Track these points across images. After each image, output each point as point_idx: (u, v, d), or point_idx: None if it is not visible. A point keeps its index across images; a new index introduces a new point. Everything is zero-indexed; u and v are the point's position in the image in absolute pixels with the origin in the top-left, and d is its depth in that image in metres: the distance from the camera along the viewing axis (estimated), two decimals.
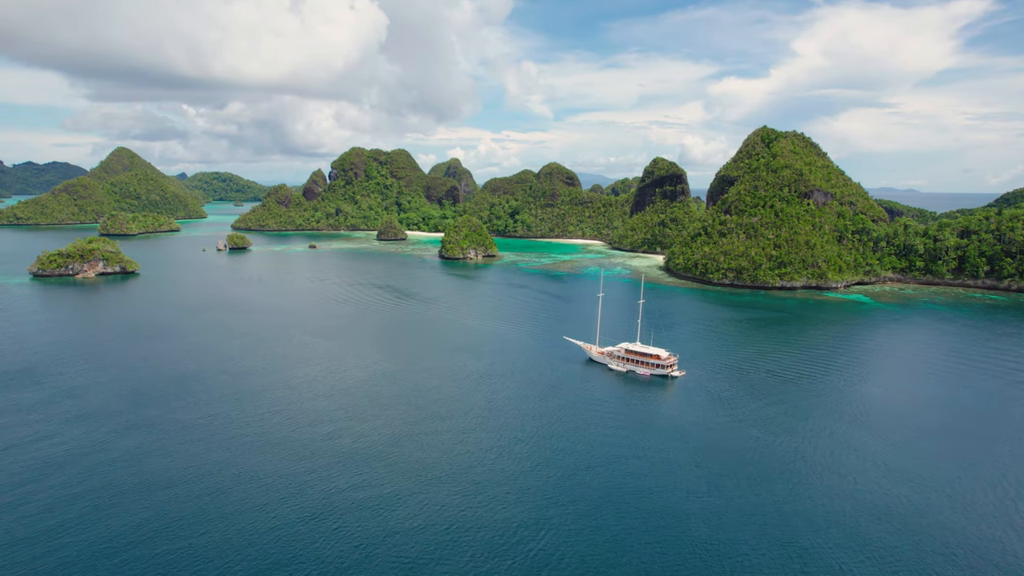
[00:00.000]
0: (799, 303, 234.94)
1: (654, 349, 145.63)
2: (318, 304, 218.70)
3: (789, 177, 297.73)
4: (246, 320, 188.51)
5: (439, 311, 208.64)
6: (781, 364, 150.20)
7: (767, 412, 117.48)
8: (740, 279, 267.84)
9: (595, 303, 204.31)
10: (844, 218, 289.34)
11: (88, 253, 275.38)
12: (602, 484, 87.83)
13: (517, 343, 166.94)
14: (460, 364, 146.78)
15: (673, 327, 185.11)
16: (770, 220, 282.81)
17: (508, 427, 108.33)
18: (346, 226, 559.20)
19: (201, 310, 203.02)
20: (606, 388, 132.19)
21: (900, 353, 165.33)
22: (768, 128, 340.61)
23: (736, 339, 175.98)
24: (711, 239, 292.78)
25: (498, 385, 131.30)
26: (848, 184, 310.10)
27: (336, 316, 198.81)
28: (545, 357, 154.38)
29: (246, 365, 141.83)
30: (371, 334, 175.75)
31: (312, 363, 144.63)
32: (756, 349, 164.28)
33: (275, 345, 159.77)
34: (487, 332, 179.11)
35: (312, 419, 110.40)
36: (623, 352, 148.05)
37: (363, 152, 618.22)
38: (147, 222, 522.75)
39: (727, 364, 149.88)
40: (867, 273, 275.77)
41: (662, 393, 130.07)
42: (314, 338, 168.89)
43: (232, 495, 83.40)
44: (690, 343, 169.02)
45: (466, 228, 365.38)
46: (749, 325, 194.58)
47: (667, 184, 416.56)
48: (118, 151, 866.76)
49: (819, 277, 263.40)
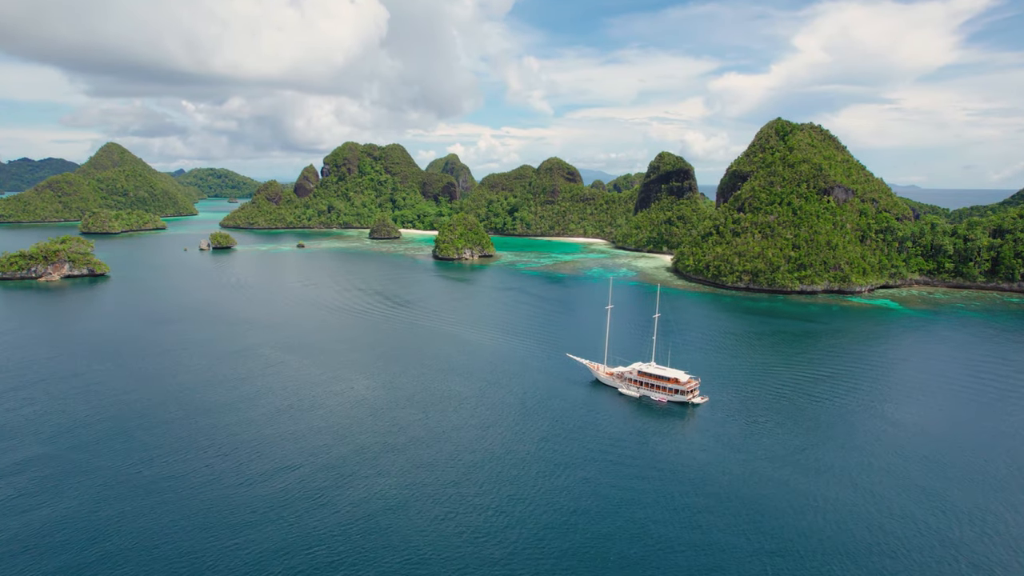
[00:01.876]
0: (822, 309, 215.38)
1: (672, 371, 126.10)
2: (295, 313, 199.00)
3: (807, 172, 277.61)
4: (213, 334, 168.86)
5: (427, 320, 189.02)
6: (817, 385, 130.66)
7: (819, 454, 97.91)
8: (756, 282, 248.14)
9: (602, 314, 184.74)
10: (867, 216, 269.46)
11: (53, 254, 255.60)
12: (628, 561, 68.37)
13: (513, 361, 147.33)
14: (448, 389, 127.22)
15: (688, 340, 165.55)
16: (788, 219, 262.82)
17: (501, 482, 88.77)
18: (338, 224, 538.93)
19: (167, 321, 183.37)
20: (618, 420, 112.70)
21: (950, 370, 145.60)
22: (783, 120, 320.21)
23: (760, 354, 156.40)
24: (724, 239, 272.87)
25: (491, 419, 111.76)
26: (869, 179, 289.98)
27: (313, 328, 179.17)
28: (546, 379, 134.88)
29: (201, 399, 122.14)
30: (350, 349, 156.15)
31: (278, 392, 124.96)
32: (785, 366, 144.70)
33: (240, 367, 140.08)
34: (480, 347, 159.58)
35: (262, 471, 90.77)
36: (636, 374, 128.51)
37: (357, 147, 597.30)
38: (131, 220, 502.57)
39: (754, 386, 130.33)
40: (892, 276, 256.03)
41: (683, 426, 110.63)
42: (286, 355, 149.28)
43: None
44: (709, 360, 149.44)
45: (461, 227, 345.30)
46: (773, 337, 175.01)
47: (673, 180, 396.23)
48: (108, 147, 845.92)
49: (842, 280, 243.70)
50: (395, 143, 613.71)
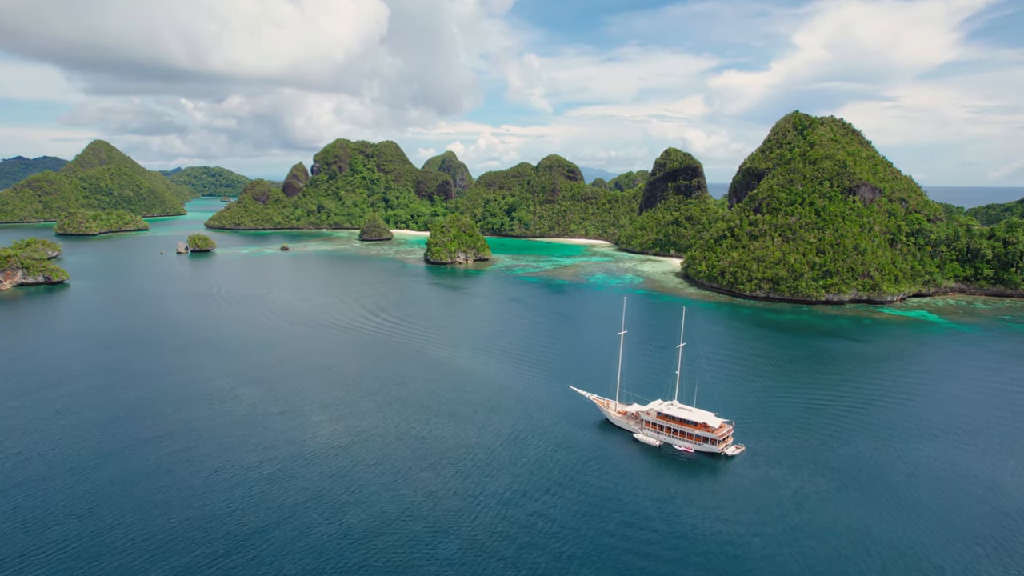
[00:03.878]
0: (853, 323, 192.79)
1: (699, 413, 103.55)
2: (262, 329, 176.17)
3: (830, 169, 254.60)
4: (160, 362, 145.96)
5: (411, 340, 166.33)
6: (873, 427, 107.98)
7: (900, 530, 75.30)
8: (777, 291, 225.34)
9: (609, 332, 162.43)
10: (896, 218, 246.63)
11: (4, 261, 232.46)
12: None
13: (508, 394, 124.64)
14: (428, 435, 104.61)
15: (710, 365, 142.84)
16: (810, 220, 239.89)
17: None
18: (328, 224, 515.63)
19: (114, 342, 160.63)
20: (634, 479, 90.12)
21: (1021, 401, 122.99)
22: (801, 114, 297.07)
23: (799, 384, 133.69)
24: (740, 243, 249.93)
25: (478, 486, 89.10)
26: (897, 177, 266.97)
27: (278, 349, 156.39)
28: (545, 418, 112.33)
29: (116, 470, 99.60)
30: (316, 378, 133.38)
31: (216, 450, 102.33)
32: (829, 400, 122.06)
33: (183, 407, 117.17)
34: (470, 376, 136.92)
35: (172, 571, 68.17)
36: (655, 416, 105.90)
37: (348, 144, 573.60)
38: (110, 220, 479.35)
39: (798, 430, 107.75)
40: (926, 283, 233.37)
41: (718, 487, 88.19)
42: (240, 387, 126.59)
43: None
44: (739, 392, 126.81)
45: (455, 228, 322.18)
46: (808, 360, 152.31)
47: (681, 178, 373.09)
48: (95, 144, 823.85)
49: (871, 289, 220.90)
50: (388, 140, 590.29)
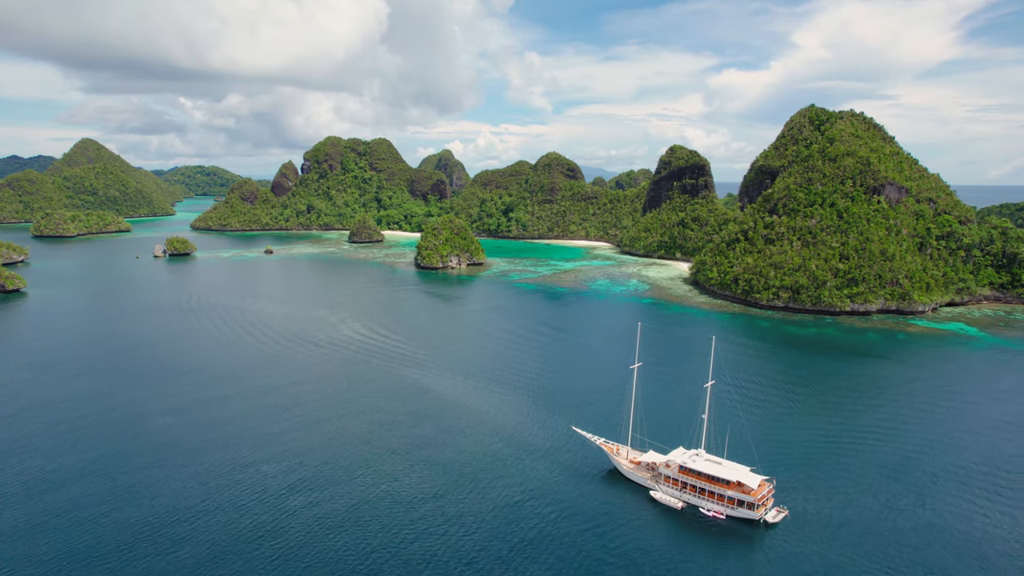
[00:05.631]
0: (885, 337, 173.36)
1: (732, 468, 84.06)
2: (224, 350, 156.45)
3: (852, 167, 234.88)
4: (104, 403, 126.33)
5: (391, 362, 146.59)
6: (950, 482, 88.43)
7: None
8: (797, 300, 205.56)
9: (615, 351, 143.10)
10: (924, 219, 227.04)
11: None
12: None
13: (500, 436, 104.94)
14: (399, 494, 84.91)
15: (739, 394, 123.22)
16: (832, 223, 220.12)
17: None
18: (318, 225, 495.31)
19: (53, 366, 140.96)
20: (652, 554, 70.43)
21: None
22: (817, 107, 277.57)
23: (841, 418, 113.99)
24: (754, 247, 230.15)
25: (458, 571, 69.42)
26: (924, 175, 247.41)
27: (233, 376, 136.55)
28: (543, 469, 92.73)
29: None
30: (270, 417, 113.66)
31: (131, 520, 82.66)
32: (881, 440, 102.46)
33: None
34: (455, 410, 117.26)
35: None
36: (678, 470, 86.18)
37: (340, 142, 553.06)
38: (90, 222, 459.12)
39: (851, 484, 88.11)
40: (959, 291, 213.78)
41: (758, 568, 68.59)
42: (176, 422, 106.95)
43: None
44: (772, 429, 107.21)
45: (447, 231, 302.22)
46: (847, 387, 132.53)
47: (687, 176, 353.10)
48: (83, 143, 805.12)
49: (901, 298, 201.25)
50: (381, 137, 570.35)
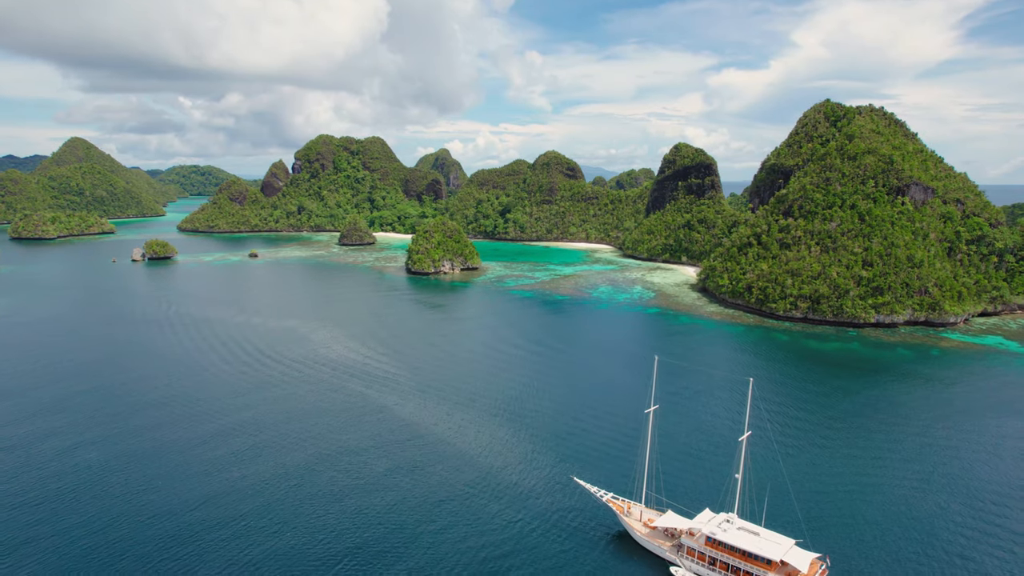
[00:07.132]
0: (918, 354, 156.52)
1: (774, 541, 67.26)
2: (176, 373, 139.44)
3: (874, 166, 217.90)
4: (42, 445, 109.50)
5: (369, 387, 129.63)
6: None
7: None
8: (817, 311, 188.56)
9: (621, 376, 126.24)
10: (953, 222, 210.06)
11: None
12: None
13: (488, 488, 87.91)
14: (358, 557, 67.97)
15: (773, 429, 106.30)
16: (853, 226, 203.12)
17: None
18: (309, 226, 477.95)
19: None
20: None
21: None
22: (833, 102, 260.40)
23: (892, 463, 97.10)
24: (769, 252, 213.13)
25: None
26: (951, 175, 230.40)
27: (185, 412, 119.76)
28: (538, 531, 75.88)
29: None
30: (231, 465, 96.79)
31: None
32: (953, 493, 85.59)
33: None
34: (436, 450, 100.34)
35: None
36: (704, 541, 69.20)
37: (332, 140, 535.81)
38: (71, 223, 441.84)
39: (923, 556, 71.28)
40: (992, 300, 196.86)
41: None
42: (109, 467, 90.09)
43: None
44: (815, 481, 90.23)
45: (439, 234, 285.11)
46: (894, 421, 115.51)
47: (693, 176, 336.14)
48: (72, 142, 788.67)
49: (930, 309, 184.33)
50: (375, 136, 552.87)
